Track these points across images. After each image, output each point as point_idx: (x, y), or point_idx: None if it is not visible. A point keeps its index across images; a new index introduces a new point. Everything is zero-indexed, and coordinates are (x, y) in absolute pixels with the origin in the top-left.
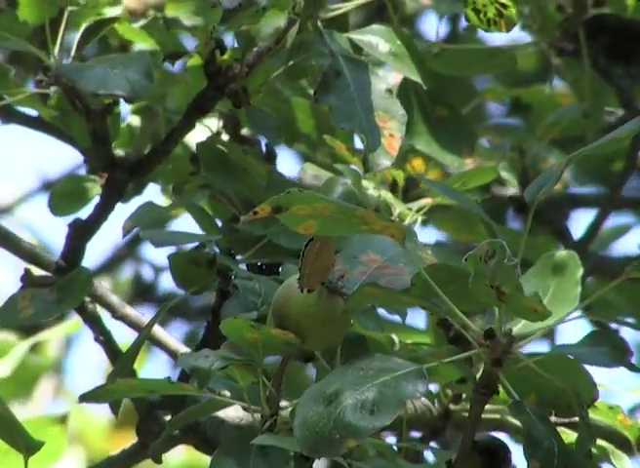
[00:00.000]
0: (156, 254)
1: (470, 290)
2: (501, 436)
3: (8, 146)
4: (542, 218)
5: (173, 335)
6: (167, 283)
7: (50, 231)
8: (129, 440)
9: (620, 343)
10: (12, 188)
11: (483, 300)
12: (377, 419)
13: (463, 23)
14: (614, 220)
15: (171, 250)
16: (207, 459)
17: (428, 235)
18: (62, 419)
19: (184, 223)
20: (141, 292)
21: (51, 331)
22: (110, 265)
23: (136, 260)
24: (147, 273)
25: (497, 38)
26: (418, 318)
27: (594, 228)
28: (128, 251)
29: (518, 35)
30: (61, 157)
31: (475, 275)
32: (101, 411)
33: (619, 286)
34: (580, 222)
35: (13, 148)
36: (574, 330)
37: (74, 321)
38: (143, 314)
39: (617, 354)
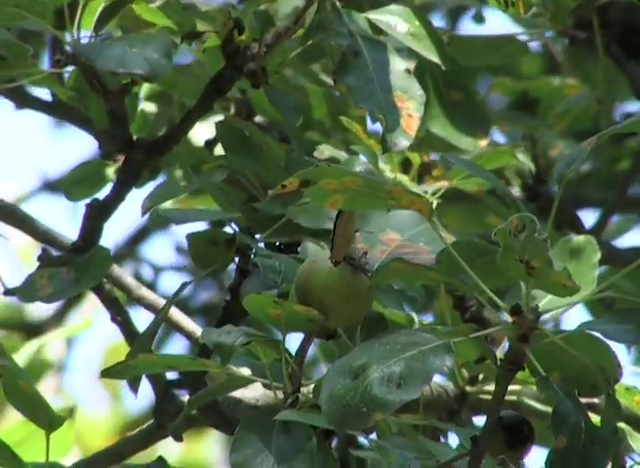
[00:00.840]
0: (156, 254)
1: (498, 264)
2: None
3: (8, 146)
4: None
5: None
6: (167, 283)
7: None
8: None
9: None
10: (12, 187)
11: (511, 275)
12: (404, 393)
13: (468, 18)
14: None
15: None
16: (202, 455)
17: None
18: (70, 412)
19: None
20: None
21: (55, 333)
22: None
23: (135, 260)
24: (147, 273)
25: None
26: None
27: (604, 219)
28: (128, 250)
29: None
30: (62, 156)
31: (504, 249)
32: (101, 415)
33: (631, 274)
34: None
35: (13, 148)
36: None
37: (77, 323)
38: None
39: None
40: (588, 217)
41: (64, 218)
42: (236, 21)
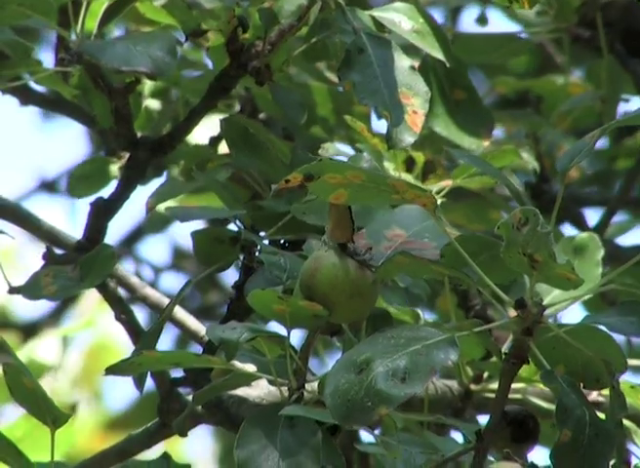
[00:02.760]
0: (153, 254)
1: (502, 258)
2: None
3: (7, 145)
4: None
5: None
6: (167, 283)
7: None
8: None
9: None
10: (10, 187)
11: (515, 269)
12: (408, 387)
13: (470, 18)
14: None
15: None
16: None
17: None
18: (72, 408)
19: None
20: None
21: (51, 333)
22: None
23: (135, 260)
24: (147, 273)
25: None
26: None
27: (607, 219)
28: (126, 250)
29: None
30: (61, 157)
31: (508, 242)
32: (82, 414)
33: (633, 271)
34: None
35: (12, 147)
36: None
37: (72, 325)
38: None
39: None
40: (590, 217)
41: (61, 218)
42: (240, 19)
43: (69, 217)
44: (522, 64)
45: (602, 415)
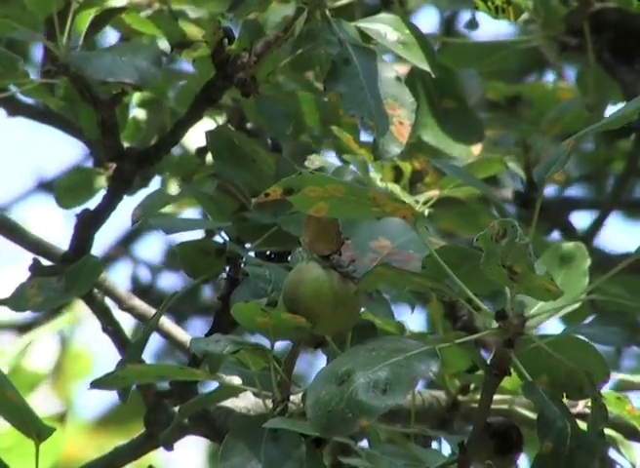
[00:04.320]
0: (150, 253)
1: (482, 270)
2: None
3: (5, 145)
4: (546, 213)
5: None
6: (164, 282)
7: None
8: (108, 439)
9: (631, 322)
10: (8, 187)
11: (495, 280)
12: (389, 398)
13: (462, 22)
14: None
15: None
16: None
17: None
18: (61, 418)
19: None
20: (138, 292)
21: (44, 328)
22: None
23: (132, 260)
24: (144, 273)
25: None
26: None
27: (597, 225)
28: (123, 250)
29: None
30: (58, 156)
31: (487, 254)
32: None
33: (620, 278)
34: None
35: (9, 147)
36: None
37: (66, 316)
38: None
39: (628, 333)
40: (584, 220)
41: (58, 218)
42: (226, 31)
43: (66, 218)
44: (514, 66)
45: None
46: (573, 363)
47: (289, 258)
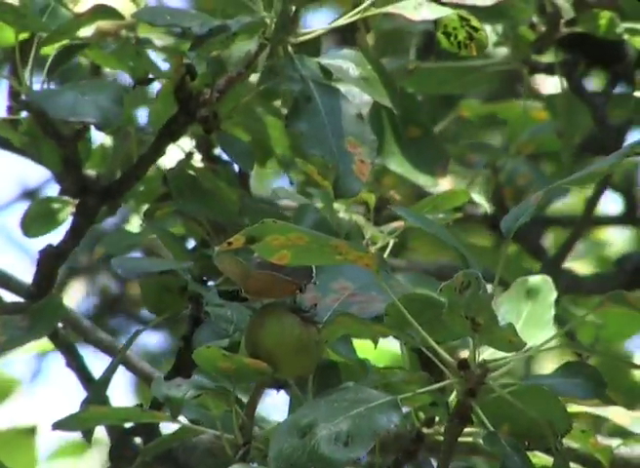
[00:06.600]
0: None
1: (444, 320)
2: (476, 460)
3: None
4: (516, 235)
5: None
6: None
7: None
8: None
9: (594, 374)
10: None
11: (457, 331)
12: (351, 451)
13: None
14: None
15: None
16: None
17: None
18: (32, 431)
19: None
20: (109, 304)
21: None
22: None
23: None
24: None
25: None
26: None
27: (568, 246)
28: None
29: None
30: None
31: (450, 306)
32: None
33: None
34: (552, 242)
35: None
36: None
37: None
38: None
39: (591, 385)
40: (556, 237)
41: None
42: (188, 67)
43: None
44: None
45: None
46: (535, 412)
47: None
